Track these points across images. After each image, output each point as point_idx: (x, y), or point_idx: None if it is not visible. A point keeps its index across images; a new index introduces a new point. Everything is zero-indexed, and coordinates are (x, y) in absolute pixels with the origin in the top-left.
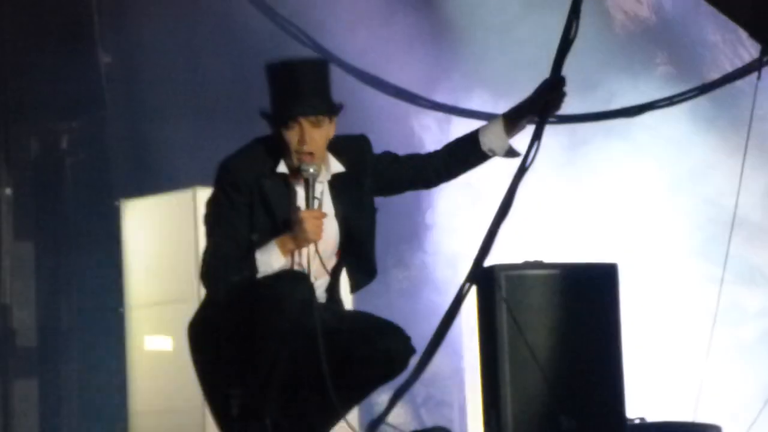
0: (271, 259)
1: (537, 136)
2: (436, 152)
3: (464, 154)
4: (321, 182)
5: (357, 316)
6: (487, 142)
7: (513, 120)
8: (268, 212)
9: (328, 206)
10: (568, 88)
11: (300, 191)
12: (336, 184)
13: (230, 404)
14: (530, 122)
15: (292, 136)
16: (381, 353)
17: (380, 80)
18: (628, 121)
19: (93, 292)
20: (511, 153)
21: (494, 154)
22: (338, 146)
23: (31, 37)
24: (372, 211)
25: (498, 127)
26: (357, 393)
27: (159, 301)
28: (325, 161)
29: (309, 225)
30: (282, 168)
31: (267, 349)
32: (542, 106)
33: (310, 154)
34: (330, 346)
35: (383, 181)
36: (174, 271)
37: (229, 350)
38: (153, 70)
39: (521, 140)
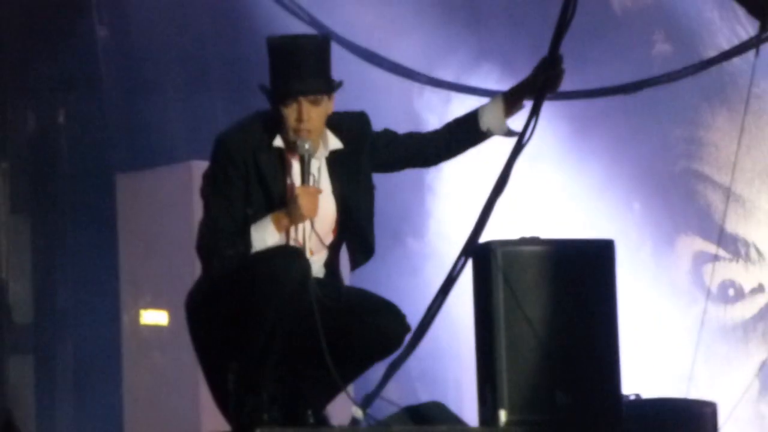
0: (265, 235)
1: (534, 113)
2: (436, 131)
3: (463, 133)
4: (318, 159)
5: (353, 292)
6: (485, 122)
7: (511, 99)
8: (264, 187)
9: (326, 183)
10: (565, 66)
11: (296, 166)
12: (334, 160)
13: (227, 378)
14: (529, 101)
15: (289, 113)
16: (376, 330)
17: (379, 56)
18: (626, 98)
19: (89, 266)
20: (509, 133)
21: (492, 133)
22: (337, 123)
23: (27, 11)
24: (370, 188)
25: (497, 107)
26: (352, 370)
27: (155, 275)
28: (323, 137)
29: (304, 201)
30: (278, 142)
31: (264, 324)
32: (540, 85)
33: (308, 131)
34: (326, 322)
35: (381, 159)
36: (170, 244)
37: (227, 325)
38: (149, 44)
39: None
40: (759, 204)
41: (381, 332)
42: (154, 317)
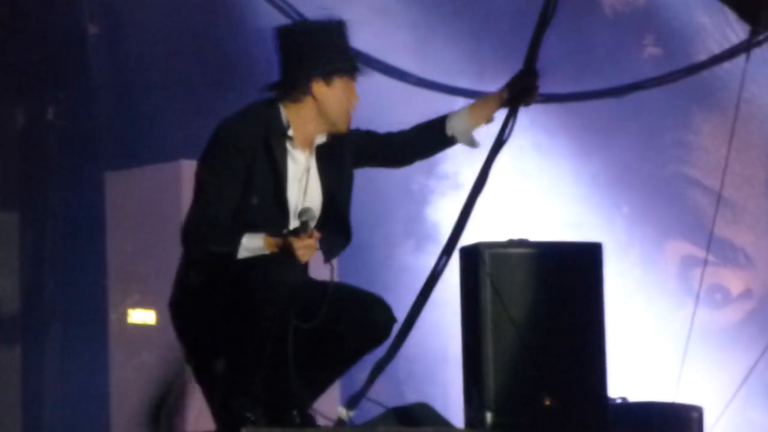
0: (254, 247)
1: (513, 113)
2: (403, 131)
3: (429, 136)
4: (311, 155)
5: (339, 287)
6: (451, 127)
7: (480, 110)
8: (274, 173)
9: (315, 177)
10: (557, 69)
11: (301, 157)
12: (320, 154)
13: (217, 380)
14: (503, 109)
15: (345, 94)
16: (364, 322)
17: (370, 57)
18: (616, 101)
19: (77, 264)
20: (471, 143)
21: (456, 140)
22: None
23: (17, 8)
24: (351, 180)
25: (465, 115)
26: (341, 363)
27: (143, 274)
28: None
29: (300, 253)
30: (290, 133)
31: (255, 329)
32: (513, 98)
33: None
34: (314, 324)
35: (358, 155)
36: (158, 243)
37: (217, 325)
38: (140, 42)
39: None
40: (748, 209)
41: (369, 323)
42: (142, 316)
